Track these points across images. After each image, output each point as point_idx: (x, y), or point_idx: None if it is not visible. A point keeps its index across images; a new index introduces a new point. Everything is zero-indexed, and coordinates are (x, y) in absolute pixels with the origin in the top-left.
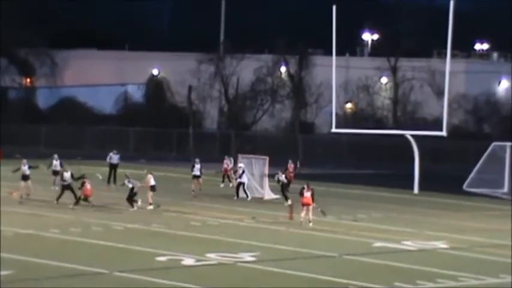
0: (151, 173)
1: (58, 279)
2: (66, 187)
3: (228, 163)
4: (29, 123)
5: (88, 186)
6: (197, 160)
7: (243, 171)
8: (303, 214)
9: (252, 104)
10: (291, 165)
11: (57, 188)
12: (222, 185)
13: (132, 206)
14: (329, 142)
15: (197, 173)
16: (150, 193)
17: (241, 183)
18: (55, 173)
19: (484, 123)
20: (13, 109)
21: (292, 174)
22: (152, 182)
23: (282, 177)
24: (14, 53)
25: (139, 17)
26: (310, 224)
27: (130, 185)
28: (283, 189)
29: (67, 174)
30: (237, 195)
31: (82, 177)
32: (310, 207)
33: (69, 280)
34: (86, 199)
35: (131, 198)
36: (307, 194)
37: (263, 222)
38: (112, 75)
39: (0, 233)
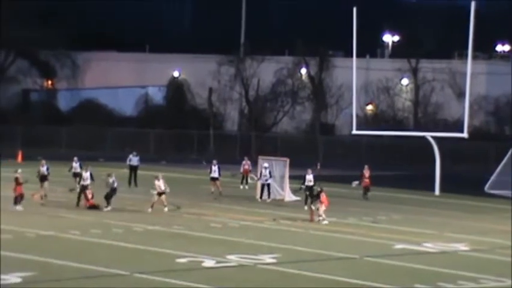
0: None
1: (79, 280)
2: (85, 187)
3: (247, 164)
4: (50, 125)
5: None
6: (214, 162)
7: (270, 173)
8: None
9: (272, 106)
10: (366, 171)
11: (77, 190)
12: (241, 187)
13: (108, 205)
14: (349, 144)
15: (215, 175)
16: (163, 196)
17: (265, 185)
18: (75, 175)
19: (505, 124)
20: (34, 111)
21: (368, 180)
22: (163, 187)
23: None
24: (35, 55)
25: (159, 19)
26: (325, 221)
27: (115, 184)
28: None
29: (86, 175)
30: (261, 197)
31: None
32: (323, 206)
33: (89, 281)
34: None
35: (110, 197)
36: (325, 195)
37: (283, 224)
38: (133, 77)
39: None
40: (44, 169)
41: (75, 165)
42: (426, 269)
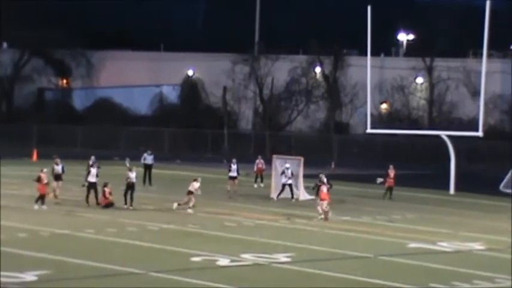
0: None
1: (94, 279)
2: (92, 185)
3: (261, 163)
4: (65, 124)
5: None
6: (234, 161)
7: (292, 173)
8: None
9: (286, 105)
10: (391, 171)
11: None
12: (255, 185)
13: (126, 203)
14: (364, 142)
15: (234, 174)
16: (191, 196)
17: (286, 185)
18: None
19: None
20: (49, 110)
21: (392, 180)
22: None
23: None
24: (50, 54)
25: (174, 18)
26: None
27: (134, 180)
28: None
29: (94, 171)
30: (278, 196)
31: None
32: (325, 203)
33: (104, 280)
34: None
35: (131, 194)
36: (324, 189)
37: (298, 223)
38: (147, 76)
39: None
40: (58, 168)
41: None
42: (441, 268)
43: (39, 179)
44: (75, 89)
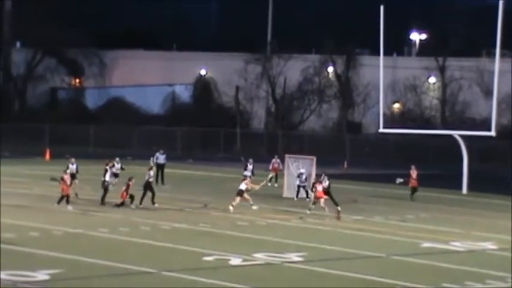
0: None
1: (107, 278)
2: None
3: (277, 163)
4: (78, 123)
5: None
6: (250, 161)
7: (306, 178)
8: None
9: (299, 104)
10: (413, 171)
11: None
12: (269, 184)
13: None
14: (376, 142)
15: (248, 173)
16: (238, 197)
17: (300, 186)
18: (115, 175)
19: None
20: (62, 109)
21: (415, 181)
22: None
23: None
24: (63, 53)
25: (186, 18)
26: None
27: (150, 179)
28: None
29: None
30: (297, 196)
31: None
32: (322, 200)
33: (117, 279)
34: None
35: (148, 193)
36: (320, 188)
37: (310, 223)
38: (160, 76)
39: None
40: (73, 167)
41: (117, 166)
42: (454, 268)
43: (62, 179)
44: (88, 88)
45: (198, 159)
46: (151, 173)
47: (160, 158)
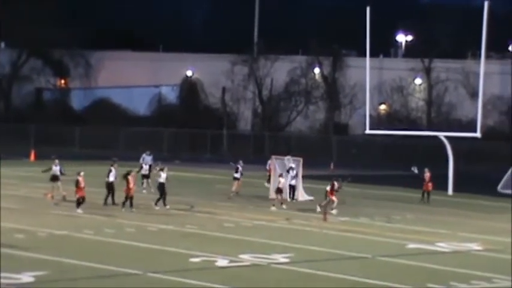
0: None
1: (92, 279)
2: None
3: (272, 164)
4: (64, 124)
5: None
6: (241, 162)
7: (297, 173)
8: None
9: (285, 105)
10: (427, 174)
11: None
12: (266, 185)
13: (162, 204)
14: (363, 143)
15: (238, 175)
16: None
17: (291, 186)
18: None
19: None
20: (47, 110)
21: (430, 184)
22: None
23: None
24: (48, 54)
25: (173, 19)
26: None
27: (163, 180)
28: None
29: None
30: (293, 198)
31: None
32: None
33: (103, 281)
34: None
35: (161, 195)
36: (328, 188)
37: (297, 224)
38: (146, 77)
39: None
40: (56, 169)
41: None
42: (439, 268)
43: (77, 183)
44: (74, 89)
45: (184, 160)
46: (163, 174)
47: (147, 159)
